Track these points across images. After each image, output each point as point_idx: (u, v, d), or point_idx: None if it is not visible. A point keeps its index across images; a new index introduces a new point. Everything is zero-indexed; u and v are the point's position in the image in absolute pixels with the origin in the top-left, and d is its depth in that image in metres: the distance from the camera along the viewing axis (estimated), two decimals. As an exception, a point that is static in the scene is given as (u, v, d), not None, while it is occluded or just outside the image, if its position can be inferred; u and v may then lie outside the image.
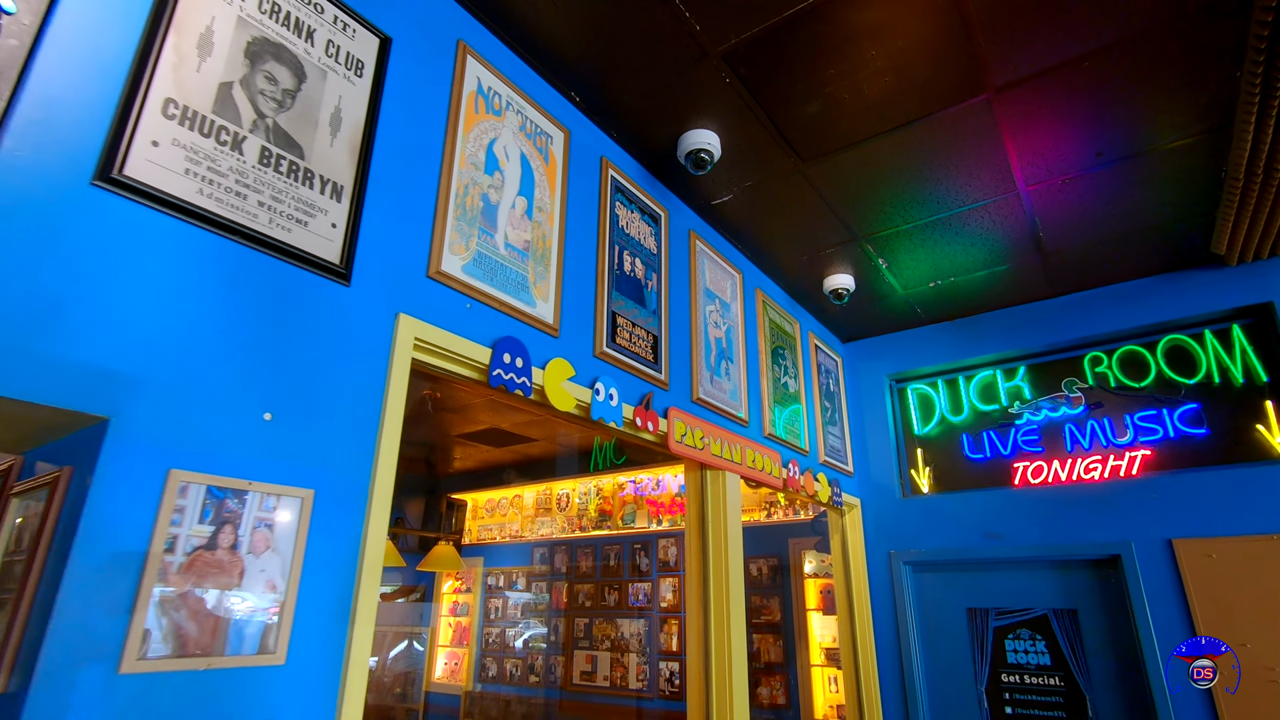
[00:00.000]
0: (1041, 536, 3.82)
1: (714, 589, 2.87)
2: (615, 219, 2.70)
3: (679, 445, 2.73)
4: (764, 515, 6.48)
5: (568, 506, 8.02)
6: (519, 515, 8.45)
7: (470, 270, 1.98)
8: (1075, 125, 2.73)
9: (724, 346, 3.28)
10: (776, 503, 6.42)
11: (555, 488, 8.14)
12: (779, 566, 6.21)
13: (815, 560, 6.01)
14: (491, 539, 8.63)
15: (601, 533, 7.47)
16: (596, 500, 7.70)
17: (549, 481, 8.09)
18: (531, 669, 7.72)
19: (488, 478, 8.58)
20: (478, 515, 8.99)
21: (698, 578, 2.93)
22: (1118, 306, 3.91)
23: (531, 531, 8.17)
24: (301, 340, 1.53)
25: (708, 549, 2.93)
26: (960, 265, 3.80)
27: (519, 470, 8.27)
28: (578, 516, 7.82)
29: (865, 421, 4.67)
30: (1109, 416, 3.89)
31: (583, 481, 7.85)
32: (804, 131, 2.77)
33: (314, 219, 1.60)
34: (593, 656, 7.22)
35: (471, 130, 2.10)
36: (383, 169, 1.80)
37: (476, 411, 6.37)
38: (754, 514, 6.53)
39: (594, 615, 7.33)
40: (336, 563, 1.48)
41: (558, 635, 7.55)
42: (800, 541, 6.15)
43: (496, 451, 7.66)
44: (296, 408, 1.49)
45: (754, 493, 6.57)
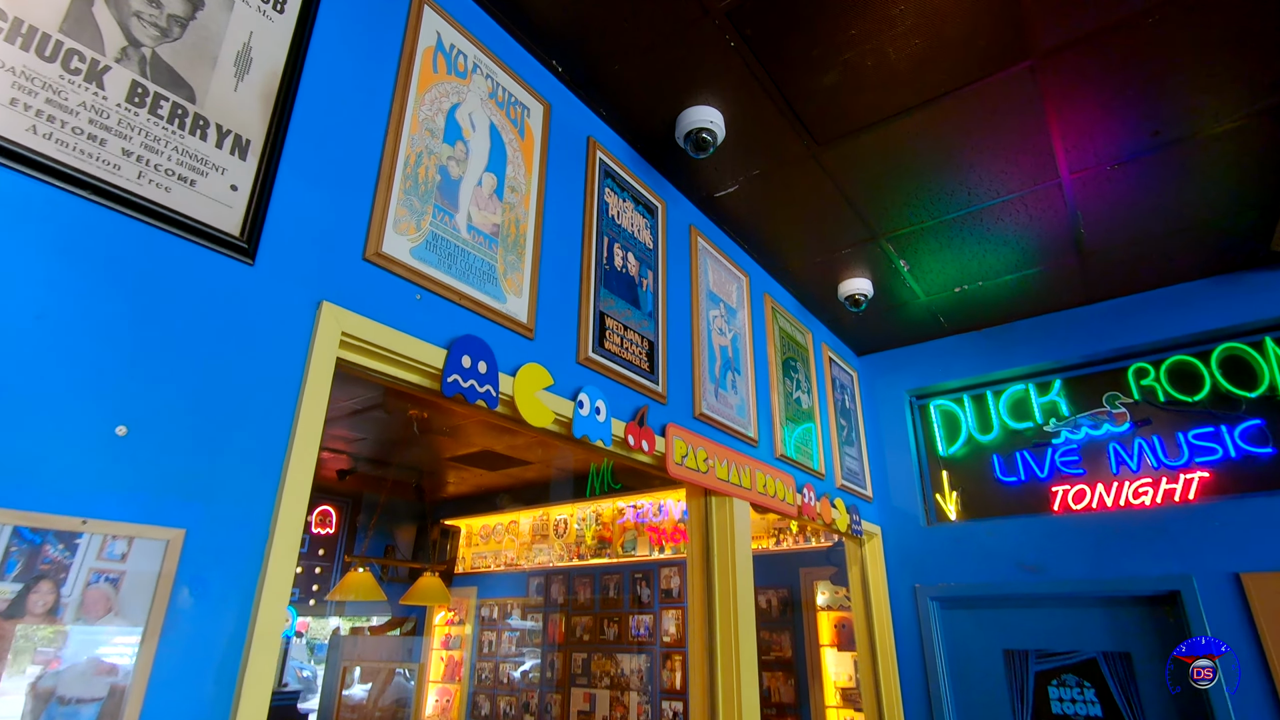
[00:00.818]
0: (1087, 569, 3.40)
1: (721, 631, 2.47)
2: (604, 207, 2.35)
3: (679, 468, 2.35)
4: (772, 543, 6.07)
5: (565, 532, 7.59)
6: (515, 542, 8.02)
7: (421, 254, 1.63)
8: (1130, 99, 2.38)
9: (730, 356, 2.91)
10: (786, 529, 6.00)
11: (553, 513, 7.73)
12: (789, 599, 5.78)
13: (829, 592, 5.58)
14: (486, 567, 8.19)
15: (600, 561, 7.04)
16: (595, 526, 7.28)
17: (546, 506, 7.68)
18: (527, 707, 7.25)
19: (483, 503, 8.18)
20: (472, 542, 8.57)
21: (701, 618, 2.53)
22: (1164, 312, 3.54)
23: (528, 559, 7.74)
24: (178, 330, 1.17)
25: (713, 586, 2.54)
26: (989, 268, 3.43)
27: (515, 495, 7.87)
28: (576, 543, 7.40)
29: (884, 442, 4.28)
30: (1159, 434, 3.49)
31: (581, 506, 7.43)
32: (819, 107, 2.43)
33: (204, 177, 1.24)
34: (591, 695, 6.76)
35: (428, 90, 1.76)
36: (308, 124, 1.46)
37: (469, 433, 6.00)
38: (762, 541, 6.12)
39: (592, 650, 6.88)
40: (214, 633, 1.11)
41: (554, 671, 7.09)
42: (812, 571, 5.73)
43: (491, 475, 7.27)
44: (167, 419, 1.12)
45: (761, 518, 6.15)
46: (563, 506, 7.57)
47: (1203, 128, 2.51)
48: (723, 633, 2.47)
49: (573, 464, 6.87)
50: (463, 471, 7.18)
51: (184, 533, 1.10)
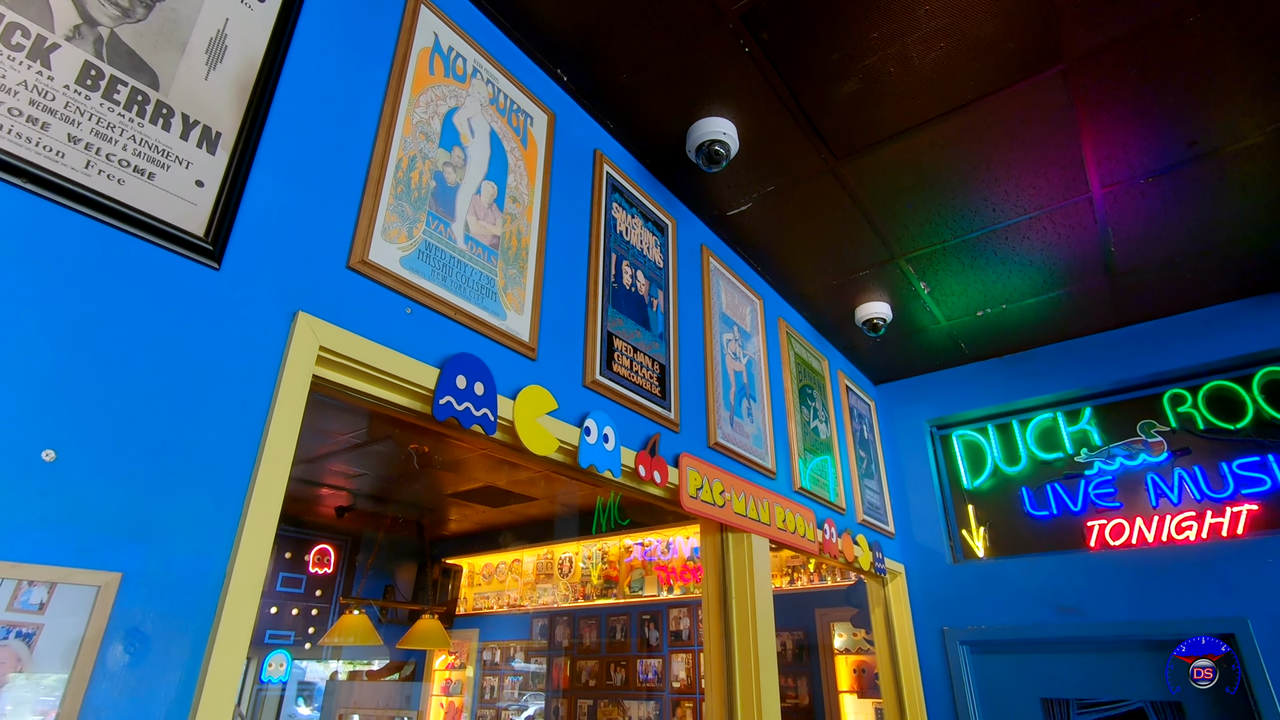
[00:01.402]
0: (1130, 611, 3.16)
1: (741, 680, 2.25)
2: (612, 222, 2.21)
3: (694, 502, 2.16)
4: (786, 582, 5.80)
5: (570, 572, 7.32)
6: (518, 581, 7.75)
7: (413, 264, 1.48)
8: (1167, 106, 2.25)
9: (744, 382, 2.74)
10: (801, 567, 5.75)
11: (557, 551, 7.47)
12: (805, 642, 5.50)
13: (847, 634, 5.30)
14: (488, 608, 7.90)
15: (607, 601, 6.76)
16: (601, 565, 7.01)
17: (550, 544, 7.42)
18: (529, 758, 6.91)
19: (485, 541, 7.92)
20: (474, 582, 8.29)
21: (719, 666, 2.31)
22: (1201, 336, 3.36)
23: (531, 600, 7.46)
24: (127, 340, 1.01)
25: (731, 630, 2.33)
26: (1014, 290, 3.28)
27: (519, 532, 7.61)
28: (581, 583, 7.12)
29: (905, 474, 4.07)
30: (1200, 465, 3.29)
31: (586, 544, 7.18)
32: (838, 118, 2.30)
33: (165, 171, 1.10)
34: (597, 744, 6.44)
35: (423, 92, 1.64)
36: (288, 120, 1.32)
37: (470, 468, 5.81)
38: (775, 580, 5.85)
39: (599, 696, 6.57)
40: (153, 699, 0.92)
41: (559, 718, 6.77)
42: (828, 613, 5.46)
43: (494, 512, 7.04)
44: (107, 443, 0.96)
45: (775, 555, 5.91)
46: (567, 544, 7.32)
47: (1243, 137, 2.37)
48: (743, 682, 2.25)
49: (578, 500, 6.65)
50: (464, 508, 6.96)
51: (120, 577, 0.93)
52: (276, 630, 7.24)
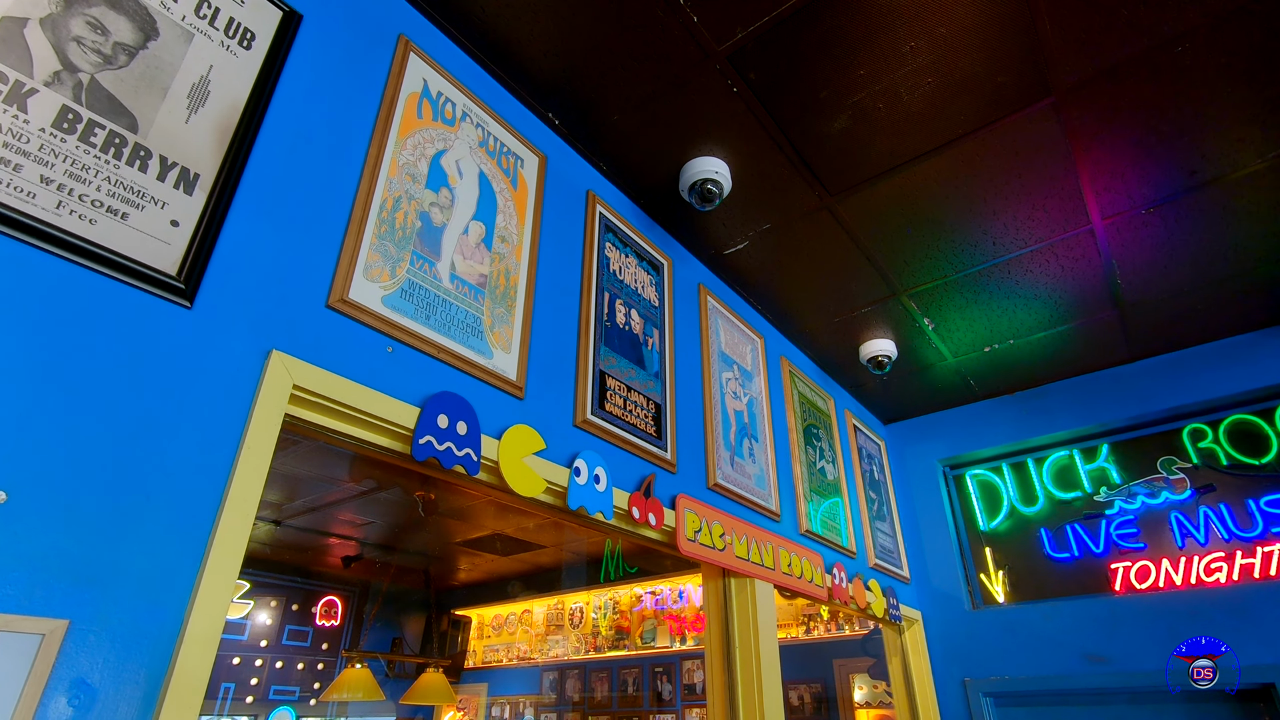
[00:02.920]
0: (1161, 659, 3.00)
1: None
2: (605, 262, 2.21)
3: (692, 545, 2.09)
4: (802, 631, 5.60)
5: (581, 622, 7.13)
6: (528, 633, 7.55)
7: (395, 303, 1.47)
8: (1162, 135, 2.24)
9: (745, 422, 2.69)
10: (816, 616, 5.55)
11: (568, 601, 7.29)
12: (823, 695, 5.27)
13: (867, 686, 5.07)
14: (498, 662, 7.70)
15: (618, 653, 6.55)
16: (612, 615, 6.82)
17: (560, 595, 7.25)
18: (540, 822, 6.62)
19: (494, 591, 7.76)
20: (484, 634, 8.09)
21: (723, 715, 2.20)
22: (1218, 368, 3.27)
23: (541, 652, 7.26)
24: (90, 379, 1.00)
25: (735, 680, 2.22)
26: (1020, 324, 3.23)
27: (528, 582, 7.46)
28: (592, 634, 6.92)
29: (919, 516, 3.95)
30: (1226, 502, 3.16)
31: (598, 594, 7.01)
32: (830, 155, 2.31)
33: (140, 211, 1.11)
34: (610, 807, 6.16)
35: (410, 135, 1.66)
36: (269, 162, 1.33)
37: (478, 516, 5.73)
38: (790, 629, 5.65)
39: (611, 755, 6.31)
40: (93, 750, 0.87)
41: (569, 780, 6.50)
42: (847, 663, 5.25)
43: (503, 561, 6.92)
44: (62, 484, 0.93)
45: (789, 604, 5.71)
46: (578, 594, 7.15)
47: (1243, 165, 2.34)
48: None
49: (587, 548, 6.52)
50: (473, 557, 6.84)
51: (67, 624, 0.89)
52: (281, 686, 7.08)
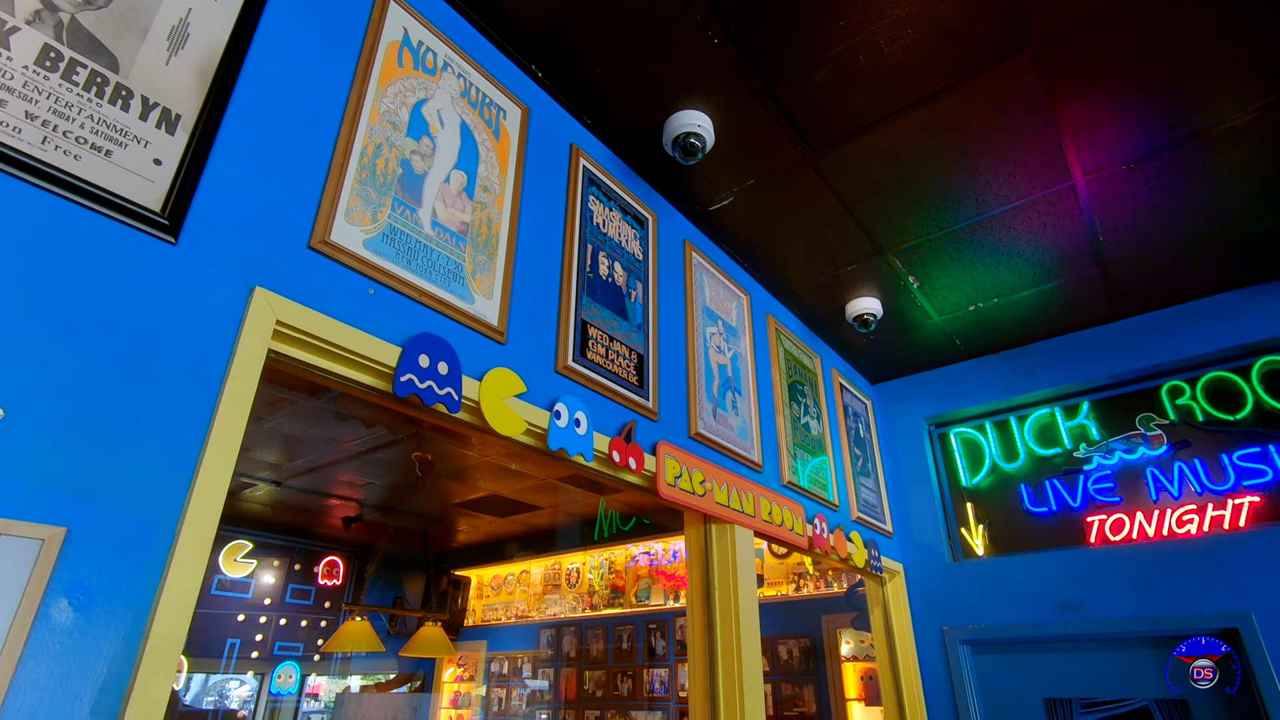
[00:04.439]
0: (1132, 608, 3.10)
1: (723, 672, 2.24)
2: (589, 214, 2.24)
3: (672, 490, 2.17)
4: (792, 589, 5.75)
5: (578, 582, 7.31)
6: (526, 593, 7.74)
7: (376, 247, 1.52)
8: (1143, 89, 2.25)
9: (729, 375, 2.75)
10: (806, 574, 5.69)
11: (565, 561, 7.47)
12: (812, 648, 5.43)
13: (854, 640, 5.23)
14: (497, 620, 7.90)
15: (614, 611, 6.73)
16: (608, 575, 6.99)
17: (558, 555, 7.42)
18: (538, 770, 6.85)
19: (493, 552, 7.93)
20: (483, 594, 8.29)
21: (702, 659, 2.30)
22: (1198, 326, 3.32)
23: (539, 611, 7.45)
24: (81, 307, 1.05)
25: (714, 623, 2.32)
26: (1004, 283, 3.26)
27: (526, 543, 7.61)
28: (589, 593, 7.10)
29: (903, 473, 4.03)
30: (1200, 457, 3.23)
31: (594, 554, 7.16)
32: (812, 109, 2.32)
33: (123, 149, 1.15)
34: (604, 756, 6.38)
35: (390, 84, 1.68)
36: (250, 104, 1.37)
37: (475, 476, 5.84)
38: (780, 587, 5.80)
39: (605, 706, 6.51)
40: (96, 651, 0.95)
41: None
42: (835, 619, 5.39)
43: (500, 522, 7.06)
44: (56, 404, 0.99)
45: (781, 563, 5.85)
46: (574, 555, 7.31)
47: (1224, 119, 2.36)
48: (724, 674, 2.23)
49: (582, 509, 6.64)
50: (472, 519, 6.98)
51: (65, 532, 0.96)
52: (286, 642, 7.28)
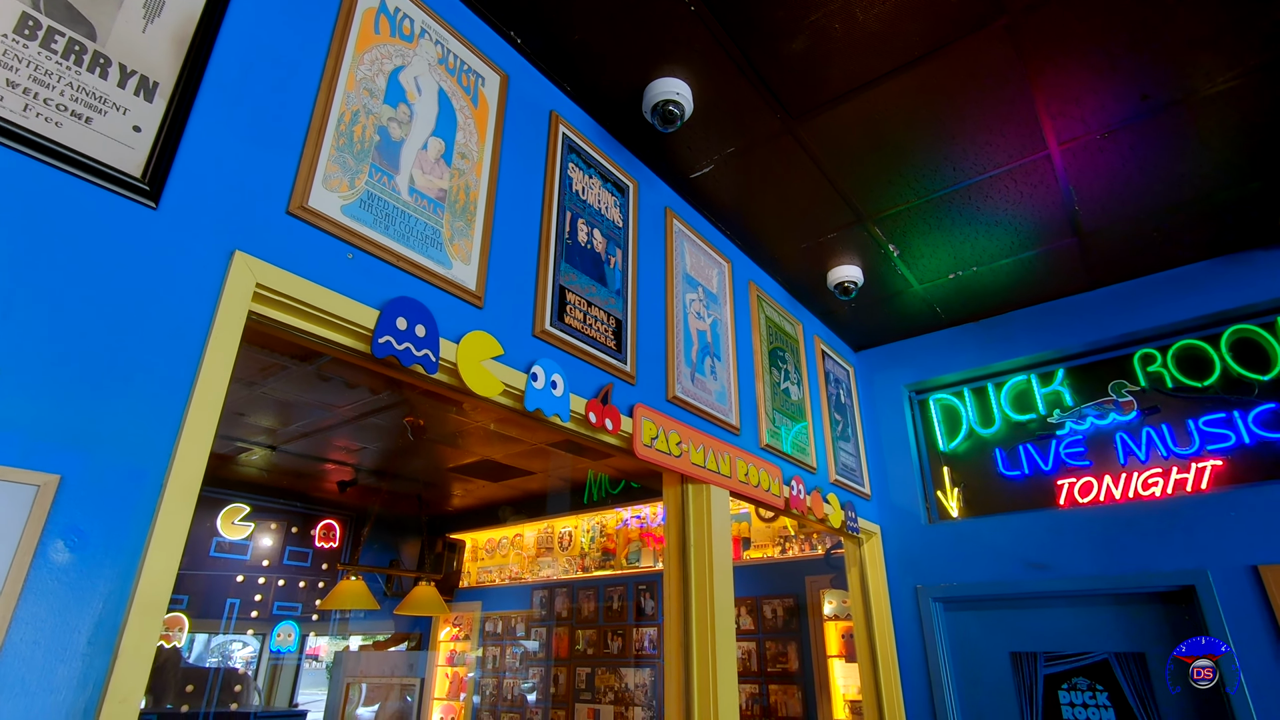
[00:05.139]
0: (1096, 566, 3.23)
1: (696, 625, 2.35)
2: (568, 181, 2.28)
3: (648, 450, 2.25)
4: (778, 551, 5.91)
5: (570, 545, 7.48)
6: (520, 555, 7.92)
7: (354, 212, 1.56)
8: (1116, 58, 2.28)
9: (709, 341, 2.82)
10: (791, 536, 5.84)
11: (557, 525, 7.63)
12: (795, 608, 5.60)
13: (836, 600, 5.40)
14: (491, 581, 8.10)
15: (604, 573, 6.91)
16: (600, 539, 7.16)
17: (550, 519, 7.57)
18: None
19: (486, 516, 8.09)
20: (478, 556, 8.48)
21: (677, 614, 2.41)
22: (1170, 296, 3.39)
23: (532, 573, 7.63)
24: (69, 269, 1.11)
25: (689, 579, 2.42)
26: (984, 251, 3.32)
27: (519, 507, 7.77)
28: (580, 556, 7.28)
29: (883, 438, 4.13)
30: (1168, 423, 3.33)
31: (586, 518, 7.32)
32: (790, 77, 2.35)
33: (103, 116, 1.19)
34: (595, 710, 6.60)
35: (368, 51, 1.71)
36: (226, 72, 1.40)
37: (468, 441, 5.93)
38: (767, 549, 5.96)
39: (596, 664, 6.72)
40: (90, 590, 1.03)
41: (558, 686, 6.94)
42: (819, 580, 5.56)
43: (493, 487, 7.19)
44: (47, 359, 1.05)
45: (767, 527, 6.00)
46: (567, 519, 7.47)
47: (1195, 89, 2.39)
48: (698, 628, 2.34)
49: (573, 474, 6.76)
50: (465, 483, 7.10)
51: (59, 479, 1.03)
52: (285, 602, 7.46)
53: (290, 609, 7.50)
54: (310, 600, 7.66)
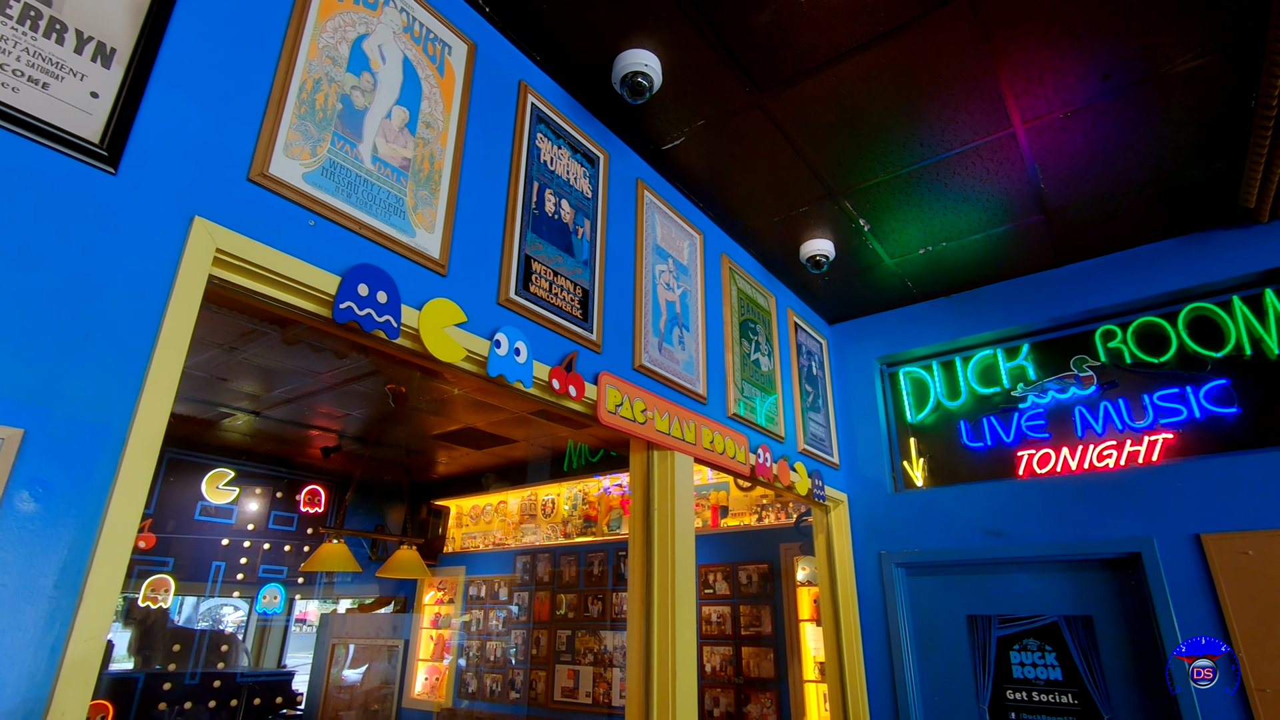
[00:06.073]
0: (1050, 534, 3.36)
1: (658, 590, 2.44)
2: (536, 152, 2.31)
3: (612, 417, 2.32)
4: (754, 519, 6.05)
5: (553, 512, 7.62)
6: (504, 522, 8.06)
7: (316, 180, 1.60)
8: (1077, 36, 2.32)
9: (678, 312, 2.87)
10: (768, 505, 5.98)
11: (541, 493, 7.76)
12: (770, 574, 5.76)
13: (809, 567, 5.55)
14: (475, 547, 8.24)
15: (586, 539, 7.06)
16: (582, 506, 7.29)
17: (533, 486, 7.69)
18: (512, 684, 7.29)
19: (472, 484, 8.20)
20: (462, 522, 8.61)
21: (641, 576, 2.50)
22: (1132, 274, 3.47)
23: (516, 539, 7.77)
24: (30, 232, 1.14)
25: (652, 541, 2.51)
26: (954, 227, 3.37)
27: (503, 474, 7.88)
28: (563, 523, 7.42)
29: (853, 409, 4.23)
30: (1124, 397, 3.43)
31: (569, 486, 7.44)
32: (757, 51, 2.37)
33: (60, 82, 1.22)
34: (575, 671, 6.79)
35: (330, 18, 1.73)
36: (186, 40, 1.43)
37: (451, 409, 6.00)
38: (744, 518, 6.10)
39: (577, 627, 6.90)
40: (56, 539, 1.09)
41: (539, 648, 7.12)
42: (792, 547, 5.70)
43: (477, 454, 7.28)
44: (10, 318, 1.10)
45: (745, 496, 6.13)
46: (550, 486, 7.59)
47: (1158, 69, 2.44)
48: (659, 591, 2.44)
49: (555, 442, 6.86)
50: (449, 450, 7.19)
51: (23, 433, 1.08)
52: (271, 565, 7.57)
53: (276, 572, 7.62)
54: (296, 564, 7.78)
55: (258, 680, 6.83)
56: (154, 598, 6.29)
